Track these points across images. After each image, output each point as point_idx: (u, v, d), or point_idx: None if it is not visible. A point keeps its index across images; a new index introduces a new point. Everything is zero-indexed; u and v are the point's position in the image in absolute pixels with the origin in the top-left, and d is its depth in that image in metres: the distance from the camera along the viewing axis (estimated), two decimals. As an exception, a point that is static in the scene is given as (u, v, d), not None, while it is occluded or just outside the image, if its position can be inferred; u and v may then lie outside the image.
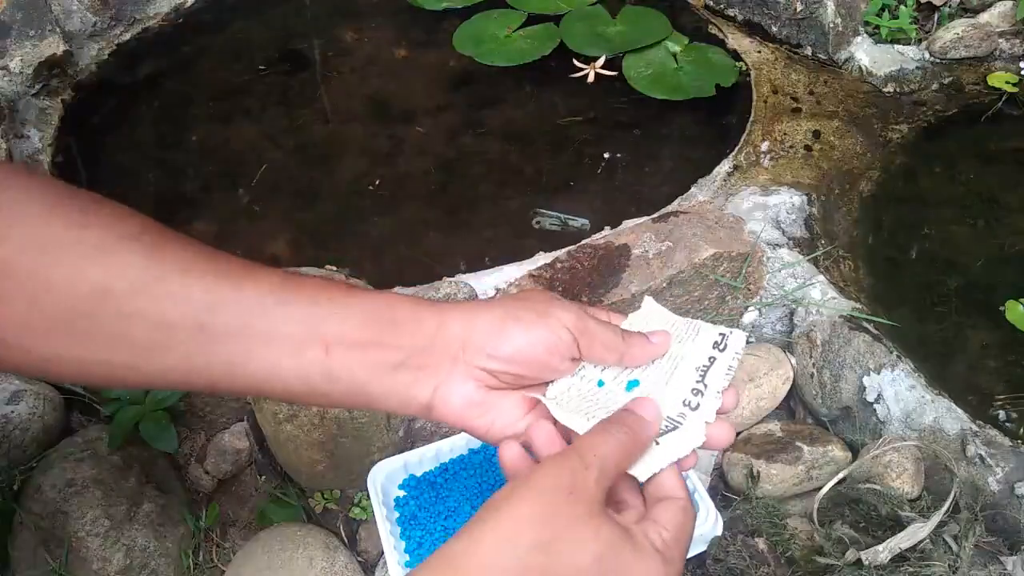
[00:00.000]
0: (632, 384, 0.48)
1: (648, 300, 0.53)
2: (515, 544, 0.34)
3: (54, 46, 1.44)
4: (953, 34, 1.43)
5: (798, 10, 1.47)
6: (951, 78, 1.43)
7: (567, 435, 0.45)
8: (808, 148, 1.31)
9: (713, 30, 1.55)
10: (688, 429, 0.45)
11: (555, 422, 0.46)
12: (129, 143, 1.43)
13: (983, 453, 0.87)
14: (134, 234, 0.39)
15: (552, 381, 0.48)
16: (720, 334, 0.49)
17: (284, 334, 0.40)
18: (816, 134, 1.33)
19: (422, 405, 0.45)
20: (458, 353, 0.44)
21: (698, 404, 0.46)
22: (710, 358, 0.48)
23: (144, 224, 0.40)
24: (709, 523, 0.83)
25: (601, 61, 1.49)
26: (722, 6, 1.57)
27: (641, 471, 0.42)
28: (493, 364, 0.44)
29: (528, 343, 0.45)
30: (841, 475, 0.89)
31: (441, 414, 0.45)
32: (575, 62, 1.49)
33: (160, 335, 0.38)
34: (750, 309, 1.07)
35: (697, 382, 0.47)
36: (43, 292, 0.36)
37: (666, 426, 0.45)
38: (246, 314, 0.39)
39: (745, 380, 0.98)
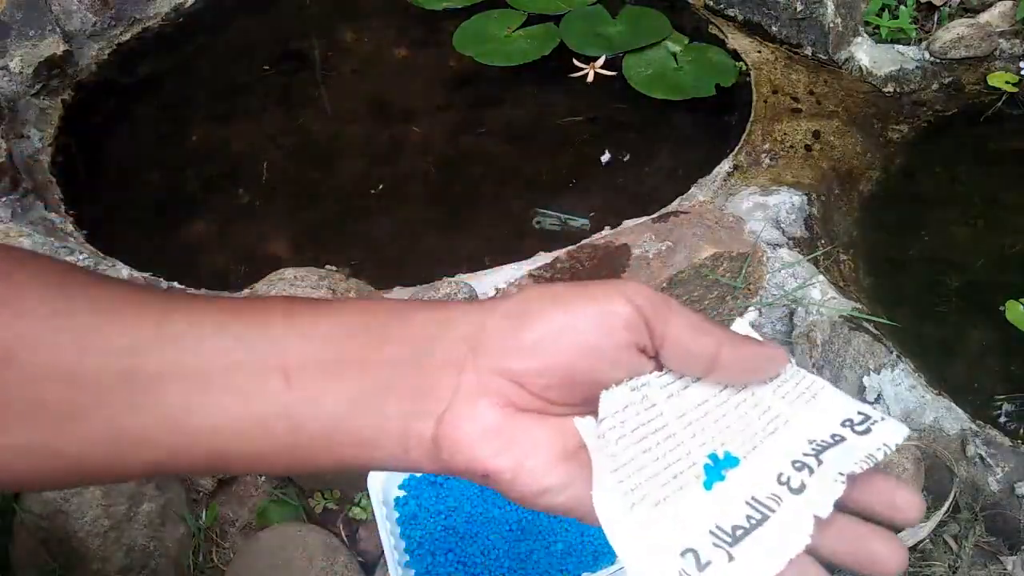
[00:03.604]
0: (723, 463, 0.31)
1: (740, 322, 0.35)
2: None
3: (54, 46, 1.44)
4: (953, 34, 1.43)
5: (798, 10, 1.47)
6: (951, 78, 1.43)
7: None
8: (808, 148, 1.31)
9: (713, 30, 1.55)
10: (782, 521, 0.29)
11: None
12: (129, 143, 1.43)
13: (983, 453, 0.88)
14: (33, 278, 0.30)
15: (606, 392, 0.31)
16: (860, 413, 0.32)
17: (228, 369, 0.29)
18: (816, 134, 1.33)
19: (425, 445, 0.30)
20: (465, 358, 0.30)
21: (802, 485, 0.30)
22: (835, 436, 0.32)
23: (41, 266, 0.31)
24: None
25: (601, 61, 1.49)
26: (722, 6, 1.57)
27: None
28: (516, 363, 0.30)
29: (567, 325, 0.30)
30: (841, 475, 0.89)
31: (450, 455, 0.30)
32: (575, 62, 1.49)
33: (77, 395, 0.28)
34: (750, 309, 1.07)
35: (806, 455, 0.31)
36: None
37: (748, 519, 0.29)
38: (176, 351, 0.29)
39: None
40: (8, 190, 1.21)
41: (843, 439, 0.31)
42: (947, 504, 0.84)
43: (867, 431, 0.32)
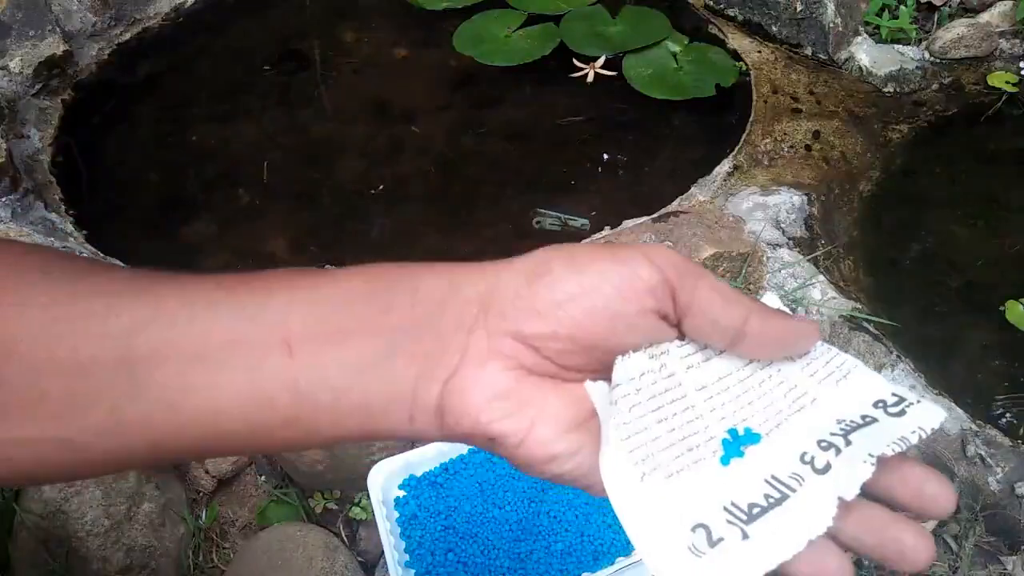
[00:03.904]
0: (743, 440, 0.30)
1: (770, 296, 0.34)
2: None
3: (54, 46, 1.44)
4: (953, 34, 1.43)
5: (798, 10, 1.47)
6: (951, 78, 1.43)
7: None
8: (808, 148, 1.31)
9: (713, 30, 1.55)
10: (803, 502, 0.27)
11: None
12: (129, 143, 1.43)
13: (983, 453, 0.88)
14: (34, 269, 0.30)
15: (621, 357, 0.29)
16: (895, 395, 0.30)
17: (228, 344, 0.28)
18: (816, 134, 1.33)
19: (431, 411, 0.29)
20: (476, 320, 0.29)
21: (827, 465, 0.28)
22: (865, 417, 0.30)
23: (46, 257, 0.30)
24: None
25: (601, 61, 1.49)
26: (722, 6, 1.57)
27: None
28: (529, 326, 0.28)
29: (588, 285, 0.28)
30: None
31: (455, 420, 0.29)
32: (575, 62, 1.49)
33: (79, 385, 0.28)
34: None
35: (833, 435, 0.29)
36: None
37: (766, 497, 0.28)
38: (173, 331, 0.28)
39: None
40: (8, 190, 1.21)
41: (875, 420, 0.29)
42: (947, 504, 0.84)
43: (901, 413, 0.30)
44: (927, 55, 1.45)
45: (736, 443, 0.30)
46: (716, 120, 1.40)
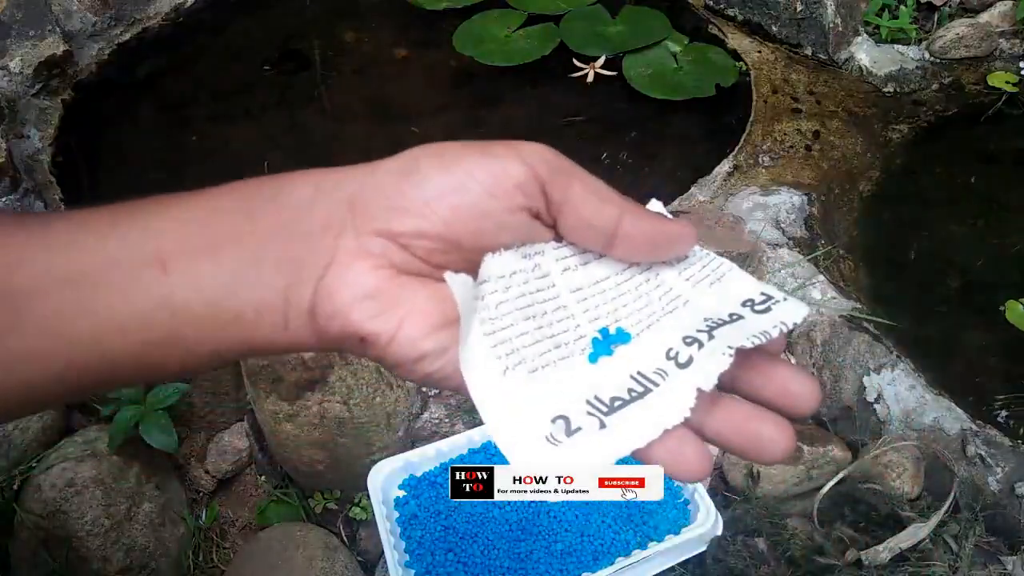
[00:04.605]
0: (613, 338, 0.30)
1: (654, 203, 0.33)
2: None
3: (54, 46, 1.44)
4: (953, 34, 1.43)
5: (798, 10, 1.47)
6: (951, 78, 1.43)
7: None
8: (808, 148, 1.31)
9: (713, 30, 1.55)
10: (664, 395, 0.28)
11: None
12: (129, 143, 1.43)
13: (983, 453, 0.88)
14: None
15: (491, 255, 0.29)
16: (763, 294, 0.30)
17: (105, 268, 0.28)
18: (816, 134, 1.33)
19: (303, 315, 0.28)
20: (344, 221, 0.28)
21: (689, 359, 0.28)
22: (732, 315, 0.30)
23: None
24: (709, 523, 0.83)
25: (601, 61, 1.49)
26: (722, 6, 1.57)
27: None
28: (397, 223, 0.28)
29: (456, 182, 0.28)
30: (841, 475, 0.89)
31: (326, 322, 0.28)
32: (575, 62, 1.49)
33: None
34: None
35: (699, 331, 0.29)
36: None
37: (629, 391, 0.28)
38: (53, 259, 0.28)
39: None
40: (8, 190, 1.21)
41: (741, 317, 0.30)
42: (947, 504, 0.84)
43: (767, 310, 0.30)
44: (927, 55, 1.45)
45: (606, 341, 0.30)
46: (716, 120, 1.40)
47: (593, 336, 0.30)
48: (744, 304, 0.30)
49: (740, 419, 0.28)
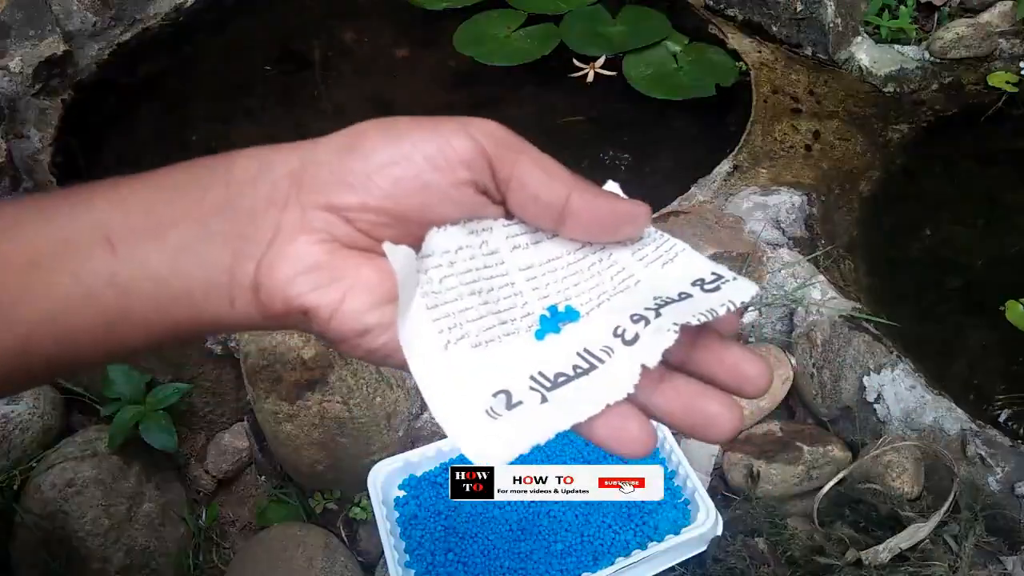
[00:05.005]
0: (562, 316, 0.30)
1: (611, 184, 0.33)
2: None
3: (54, 46, 1.44)
4: (953, 34, 1.43)
5: (798, 10, 1.47)
6: (951, 78, 1.43)
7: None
8: (808, 148, 1.31)
9: (713, 30, 1.55)
10: (608, 371, 0.27)
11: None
12: (129, 143, 1.43)
13: (983, 453, 0.88)
14: None
15: (436, 229, 0.29)
16: (714, 274, 0.30)
17: (55, 250, 0.28)
18: (816, 134, 1.33)
19: (248, 291, 0.28)
20: (288, 196, 0.28)
21: (636, 336, 0.28)
22: (681, 294, 0.30)
23: None
24: (709, 523, 0.83)
25: (601, 61, 1.49)
26: (722, 6, 1.57)
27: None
28: (341, 197, 0.28)
29: (399, 154, 0.28)
30: (841, 475, 0.89)
31: (269, 297, 0.28)
32: (575, 62, 1.49)
33: None
34: (750, 309, 1.07)
35: (647, 309, 0.29)
36: None
37: (574, 368, 0.28)
38: (6, 243, 0.28)
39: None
40: (8, 190, 1.21)
41: (689, 296, 0.29)
42: (947, 504, 0.84)
43: (716, 289, 0.30)
44: (927, 55, 1.45)
45: (554, 319, 0.30)
46: (716, 120, 1.40)
47: (541, 314, 0.30)
48: (694, 284, 0.30)
49: (688, 397, 0.28)
